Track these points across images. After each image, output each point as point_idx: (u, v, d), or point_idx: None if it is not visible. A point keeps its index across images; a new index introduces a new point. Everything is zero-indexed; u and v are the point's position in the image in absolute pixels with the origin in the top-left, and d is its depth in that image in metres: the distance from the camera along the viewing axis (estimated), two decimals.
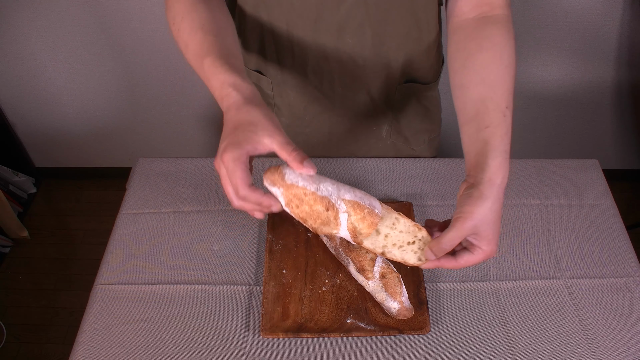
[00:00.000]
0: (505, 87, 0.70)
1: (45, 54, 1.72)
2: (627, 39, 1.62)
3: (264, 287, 0.82)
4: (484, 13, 0.77)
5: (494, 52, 0.72)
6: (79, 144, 2.04)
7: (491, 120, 0.68)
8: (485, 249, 0.67)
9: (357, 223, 0.67)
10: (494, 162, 0.65)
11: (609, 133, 1.93)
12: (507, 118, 0.68)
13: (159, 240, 0.91)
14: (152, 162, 1.03)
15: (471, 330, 0.80)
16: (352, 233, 0.68)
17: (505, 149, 0.66)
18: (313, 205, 0.64)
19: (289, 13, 0.81)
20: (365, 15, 0.80)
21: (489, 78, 0.71)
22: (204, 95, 1.81)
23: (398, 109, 0.98)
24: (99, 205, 2.12)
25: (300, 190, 0.64)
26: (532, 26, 1.59)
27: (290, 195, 0.64)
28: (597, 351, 0.78)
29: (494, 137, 0.67)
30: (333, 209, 0.65)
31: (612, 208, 0.96)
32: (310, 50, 0.85)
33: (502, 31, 0.75)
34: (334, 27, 0.82)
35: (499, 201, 0.66)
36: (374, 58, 0.87)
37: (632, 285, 0.85)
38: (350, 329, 0.78)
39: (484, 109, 0.69)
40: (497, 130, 0.67)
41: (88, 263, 1.93)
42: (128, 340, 0.79)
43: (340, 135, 1.02)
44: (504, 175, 0.66)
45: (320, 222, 0.66)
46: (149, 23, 1.61)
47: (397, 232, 0.70)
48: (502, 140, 0.66)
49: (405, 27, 0.83)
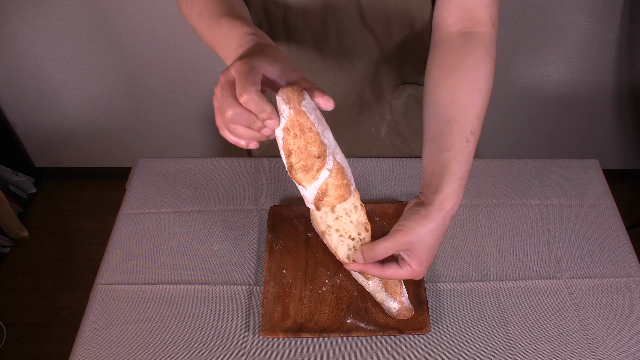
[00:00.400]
0: (473, 111, 0.68)
1: (45, 54, 1.72)
2: (627, 39, 1.62)
3: (264, 287, 0.82)
4: (467, 28, 0.74)
5: (468, 74, 0.70)
6: (79, 144, 2.04)
7: (453, 144, 0.67)
8: (415, 268, 0.67)
9: (331, 188, 0.65)
10: (449, 187, 0.65)
11: (609, 133, 1.93)
12: (470, 144, 0.67)
13: (159, 240, 0.91)
14: (152, 162, 1.03)
15: (471, 330, 0.80)
16: (319, 194, 0.64)
17: (462, 176, 0.66)
18: (309, 145, 0.60)
19: (285, 11, 0.80)
20: (360, 16, 0.80)
21: (459, 100, 0.69)
22: (204, 95, 1.81)
23: (396, 111, 0.98)
24: (99, 205, 2.12)
25: (308, 122, 0.58)
26: (532, 26, 1.59)
27: (295, 122, 0.58)
28: (597, 351, 0.78)
29: (453, 162, 0.66)
30: (322, 160, 0.62)
31: (612, 208, 0.96)
32: (306, 50, 0.85)
33: (480, 52, 0.72)
34: (329, 28, 0.82)
35: (443, 226, 0.66)
36: (369, 59, 0.87)
37: (632, 285, 0.85)
38: (350, 329, 0.78)
39: (448, 131, 0.67)
40: (458, 155, 0.66)
41: (88, 263, 1.93)
42: (128, 340, 0.79)
43: (338, 135, 1.02)
44: (455, 202, 0.66)
45: (302, 164, 0.61)
46: (149, 23, 1.61)
47: (348, 221, 0.69)
48: (460, 165, 0.66)
49: (400, 28, 0.83)
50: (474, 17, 0.74)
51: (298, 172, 0.62)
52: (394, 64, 0.88)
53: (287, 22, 0.82)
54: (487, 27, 0.74)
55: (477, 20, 0.74)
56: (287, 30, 0.83)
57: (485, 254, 0.89)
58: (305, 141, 0.59)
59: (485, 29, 0.74)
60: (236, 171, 1.01)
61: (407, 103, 0.97)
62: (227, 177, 1.00)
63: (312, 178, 0.63)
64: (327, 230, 0.70)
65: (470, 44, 0.73)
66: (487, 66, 0.71)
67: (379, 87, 0.92)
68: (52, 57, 1.73)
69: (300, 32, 0.83)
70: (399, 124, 1.00)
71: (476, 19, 0.74)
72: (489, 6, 0.74)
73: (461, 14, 0.74)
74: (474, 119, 0.68)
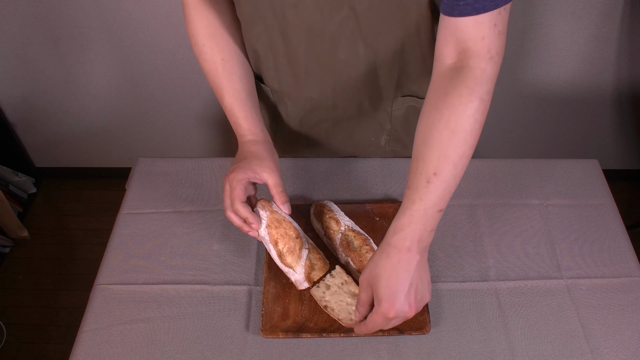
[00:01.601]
0: (440, 152, 0.67)
1: (45, 54, 1.72)
2: (627, 39, 1.62)
3: (264, 287, 0.82)
4: (459, 62, 0.68)
5: (443, 115, 0.67)
6: (79, 144, 2.04)
7: (412, 182, 0.69)
8: (379, 307, 0.68)
9: (314, 262, 0.82)
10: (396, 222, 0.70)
11: (609, 133, 1.93)
12: (431, 185, 0.67)
13: (159, 240, 0.91)
14: (152, 162, 1.03)
15: (471, 330, 0.80)
16: (307, 269, 0.80)
17: (415, 214, 0.68)
18: (287, 230, 0.81)
19: (283, 23, 0.79)
20: (357, 29, 0.78)
21: (429, 140, 0.68)
22: (204, 95, 1.81)
23: (396, 120, 0.96)
24: (99, 205, 2.11)
25: (280, 216, 0.82)
26: (533, 26, 1.58)
27: (272, 219, 0.81)
28: (597, 351, 0.78)
29: (408, 200, 0.69)
30: (300, 240, 0.81)
31: (612, 208, 0.96)
32: (304, 61, 0.84)
33: (462, 91, 0.67)
34: (326, 40, 0.80)
35: (404, 263, 0.67)
36: (368, 71, 0.85)
37: (632, 285, 0.85)
38: (350, 329, 0.78)
39: (414, 170, 0.69)
40: (414, 194, 0.68)
41: (88, 263, 1.92)
42: (128, 340, 0.79)
43: (338, 143, 1.02)
44: (403, 237, 0.68)
45: (288, 247, 0.80)
46: (150, 23, 1.61)
47: (342, 292, 0.81)
48: (415, 204, 0.68)
49: (398, 41, 0.80)
50: (468, 50, 0.68)
51: (287, 256, 0.80)
52: (392, 76, 0.86)
53: (285, 34, 0.81)
54: (482, 62, 0.67)
55: (471, 53, 0.67)
56: (286, 41, 0.82)
57: (485, 254, 0.89)
58: (283, 229, 0.81)
59: (478, 64, 0.67)
60: None
61: (406, 113, 0.95)
62: None
63: (297, 258, 0.80)
64: (327, 305, 0.80)
65: (454, 80, 0.68)
66: (468, 106, 0.67)
67: (378, 99, 0.91)
68: (52, 57, 1.73)
69: (296, 44, 0.82)
70: (399, 132, 0.99)
71: (470, 51, 0.67)
72: (486, 38, 0.66)
73: (456, 45, 0.69)
74: (440, 160, 0.67)
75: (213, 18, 0.83)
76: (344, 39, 0.80)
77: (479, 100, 0.67)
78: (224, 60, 0.84)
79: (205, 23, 0.82)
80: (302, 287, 0.81)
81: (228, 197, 0.79)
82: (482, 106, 0.67)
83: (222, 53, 0.84)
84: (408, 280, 0.68)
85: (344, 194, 0.97)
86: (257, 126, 0.85)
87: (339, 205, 0.91)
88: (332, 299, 0.80)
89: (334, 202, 0.91)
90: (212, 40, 0.83)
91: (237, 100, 0.84)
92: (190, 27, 0.84)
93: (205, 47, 0.83)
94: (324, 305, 0.80)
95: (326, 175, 1.00)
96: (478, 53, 0.67)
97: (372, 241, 0.85)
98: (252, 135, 0.84)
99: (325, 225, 0.87)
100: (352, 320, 0.77)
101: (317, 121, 0.96)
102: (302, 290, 0.82)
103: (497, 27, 0.66)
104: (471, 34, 0.66)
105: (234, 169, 0.80)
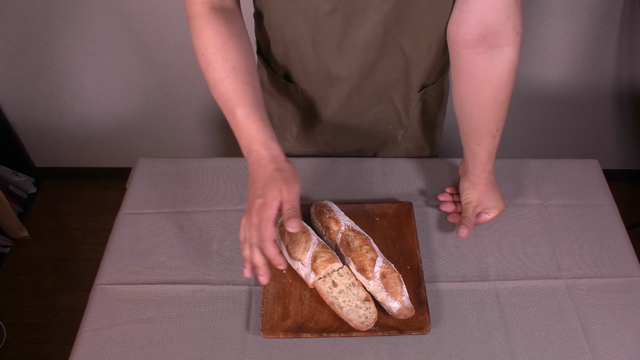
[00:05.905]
0: (496, 118, 0.82)
1: (45, 54, 1.72)
2: (627, 39, 1.62)
3: (264, 287, 0.82)
4: (490, 44, 0.74)
5: (492, 94, 0.79)
6: (79, 144, 2.04)
7: (482, 139, 0.85)
8: (496, 210, 0.90)
9: (319, 255, 0.82)
10: (482, 166, 0.88)
11: (609, 133, 1.93)
12: (496, 138, 0.85)
13: (159, 240, 0.91)
14: (152, 162, 1.03)
15: (471, 330, 0.80)
16: (312, 260, 0.81)
17: (491, 157, 0.87)
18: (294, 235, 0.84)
19: (314, 31, 0.81)
20: (388, 35, 0.80)
21: (484, 115, 0.82)
22: (204, 95, 1.81)
23: (413, 117, 0.99)
24: (99, 205, 2.11)
25: None
26: (533, 25, 1.58)
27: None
28: (597, 351, 0.78)
29: (483, 152, 0.86)
30: (307, 235, 0.84)
31: (612, 208, 0.96)
32: (335, 67, 0.86)
33: (501, 73, 0.77)
34: (359, 45, 0.82)
35: (488, 182, 0.89)
36: (398, 74, 0.88)
37: (632, 285, 0.85)
38: (350, 329, 0.78)
39: (477, 134, 0.85)
40: (486, 146, 0.86)
41: (88, 263, 1.92)
42: (128, 340, 0.79)
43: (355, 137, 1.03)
44: (488, 170, 0.89)
45: (295, 240, 0.83)
46: (149, 23, 1.61)
47: (350, 293, 0.81)
48: (489, 154, 0.87)
49: (429, 43, 0.83)
50: (497, 32, 0.73)
51: (295, 250, 0.83)
52: (423, 72, 0.89)
53: (317, 42, 0.83)
54: (511, 39, 0.74)
55: (501, 34, 0.73)
56: (316, 49, 0.84)
57: (485, 254, 0.89)
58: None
59: (509, 42, 0.74)
60: (236, 171, 1.01)
61: (421, 109, 0.98)
62: (227, 177, 1.00)
63: (304, 250, 0.82)
64: (334, 301, 0.79)
65: (493, 63, 0.76)
66: (509, 81, 0.78)
67: (406, 95, 0.94)
68: (52, 57, 1.73)
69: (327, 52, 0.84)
70: (415, 130, 1.01)
71: (499, 33, 0.73)
72: (512, 17, 0.72)
73: (482, 30, 0.73)
74: (497, 121, 0.83)
75: (223, 28, 0.80)
76: (375, 45, 0.82)
77: (515, 69, 0.78)
78: (236, 68, 0.79)
79: (215, 32, 0.79)
80: (311, 281, 0.81)
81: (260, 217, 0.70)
82: (516, 68, 0.78)
83: (234, 61, 0.80)
84: (499, 191, 0.91)
85: (344, 194, 0.97)
86: (272, 138, 0.77)
87: (339, 205, 0.91)
88: (340, 297, 0.80)
89: (334, 202, 0.91)
90: (223, 49, 0.79)
91: (253, 109, 0.77)
92: (199, 39, 0.80)
93: (215, 55, 0.79)
94: (330, 301, 0.79)
95: (326, 175, 1.00)
96: (507, 32, 0.74)
97: (372, 241, 0.85)
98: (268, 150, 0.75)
99: (325, 225, 0.87)
100: (363, 324, 0.77)
101: (345, 115, 0.97)
102: (302, 290, 0.82)
103: (517, 3, 0.73)
104: (498, 16, 0.72)
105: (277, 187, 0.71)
